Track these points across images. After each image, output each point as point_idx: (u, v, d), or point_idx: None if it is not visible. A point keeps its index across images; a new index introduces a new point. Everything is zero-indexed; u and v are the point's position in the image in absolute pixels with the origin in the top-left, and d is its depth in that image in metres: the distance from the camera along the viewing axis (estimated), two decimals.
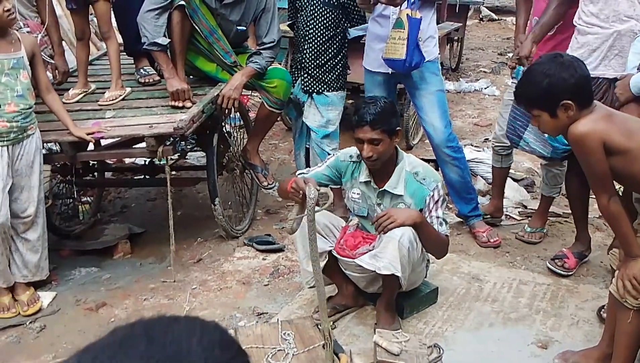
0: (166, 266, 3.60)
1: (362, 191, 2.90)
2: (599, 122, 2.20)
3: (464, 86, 7.51)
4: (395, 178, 2.80)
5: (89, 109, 3.57)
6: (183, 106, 3.47)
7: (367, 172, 2.85)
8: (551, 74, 2.22)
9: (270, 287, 3.36)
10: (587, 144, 2.19)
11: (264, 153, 5.17)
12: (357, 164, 2.90)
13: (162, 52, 3.52)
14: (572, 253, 3.42)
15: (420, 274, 2.94)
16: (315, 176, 2.92)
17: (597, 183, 2.27)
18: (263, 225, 4.13)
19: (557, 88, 2.20)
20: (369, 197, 2.88)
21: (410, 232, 2.61)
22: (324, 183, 2.98)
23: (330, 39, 3.90)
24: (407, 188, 2.79)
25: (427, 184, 2.77)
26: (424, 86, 3.68)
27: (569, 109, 2.21)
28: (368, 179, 2.85)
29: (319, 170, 2.98)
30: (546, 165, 3.70)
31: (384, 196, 2.84)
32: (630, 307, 2.28)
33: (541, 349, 2.75)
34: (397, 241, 2.58)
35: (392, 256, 2.59)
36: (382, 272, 2.64)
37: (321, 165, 3.01)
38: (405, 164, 2.83)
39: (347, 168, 2.94)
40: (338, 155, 2.98)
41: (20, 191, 3.09)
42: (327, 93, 3.95)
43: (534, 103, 2.30)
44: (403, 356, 2.39)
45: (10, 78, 2.96)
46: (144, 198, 4.68)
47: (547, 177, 3.72)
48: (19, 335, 3.00)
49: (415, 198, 2.77)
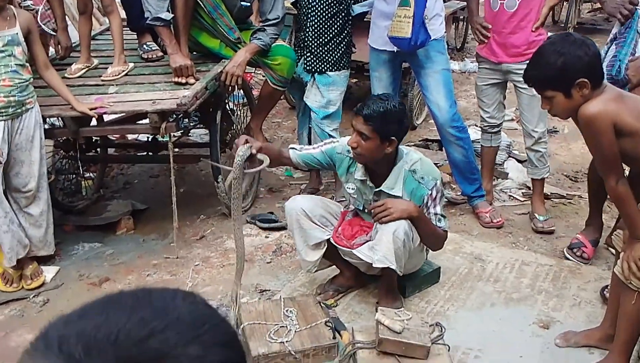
0: (169, 242, 3.60)
1: (357, 188, 2.82)
2: (609, 103, 2.18)
3: (469, 66, 7.44)
4: (392, 179, 2.71)
5: (91, 85, 3.55)
6: (186, 83, 3.45)
7: (363, 170, 2.75)
8: (565, 52, 2.18)
9: (272, 265, 3.36)
10: (598, 125, 2.16)
11: (267, 131, 5.14)
12: (353, 160, 2.78)
13: (165, 27, 3.49)
14: (588, 241, 3.37)
15: (419, 259, 2.93)
16: (306, 156, 2.87)
17: (606, 164, 2.25)
18: (266, 203, 4.13)
19: (572, 67, 2.17)
20: (364, 193, 2.82)
21: (405, 224, 2.59)
22: (314, 166, 2.94)
23: (334, 16, 3.85)
24: (406, 186, 2.70)
25: (426, 183, 2.68)
26: (429, 64, 3.65)
27: (584, 88, 2.17)
28: (364, 178, 2.76)
29: (313, 152, 2.89)
30: (532, 146, 3.67)
31: (381, 196, 2.75)
32: (635, 289, 2.28)
33: (543, 329, 2.76)
34: (391, 235, 2.57)
35: (386, 249, 2.59)
36: (377, 265, 2.65)
37: (316, 148, 2.91)
38: (405, 162, 2.71)
39: (342, 161, 2.83)
40: (335, 146, 2.85)
41: (20, 165, 3.09)
42: (330, 73, 3.91)
43: (547, 84, 2.25)
44: (405, 334, 2.39)
45: (5, 54, 2.93)
46: (147, 175, 4.68)
47: (535, 159, 3.69)
48: (22, 309, 3.02)
49: (413, 197, 2.70)
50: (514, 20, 3.50)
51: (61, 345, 0.51)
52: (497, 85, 3.74)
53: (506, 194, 4.21)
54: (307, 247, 2.86)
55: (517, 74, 3.55)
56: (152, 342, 0.52)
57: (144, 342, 0.51)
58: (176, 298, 0.58)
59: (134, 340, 0.51)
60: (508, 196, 4.18)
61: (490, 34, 3.60)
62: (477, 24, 3.67)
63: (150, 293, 0.59)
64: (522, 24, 3.50)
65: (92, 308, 0.56)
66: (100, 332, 0.52)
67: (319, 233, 2.85)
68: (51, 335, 0.53)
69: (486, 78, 3.75)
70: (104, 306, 0.56)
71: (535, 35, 3.50)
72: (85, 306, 0.57)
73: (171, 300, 0.58)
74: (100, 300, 0.58)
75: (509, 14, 3.50)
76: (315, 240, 2.84)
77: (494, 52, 3.61)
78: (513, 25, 3.51)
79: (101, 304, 0.57)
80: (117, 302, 0.57)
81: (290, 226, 2.89)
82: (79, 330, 0.52)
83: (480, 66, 3.82)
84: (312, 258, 2.88)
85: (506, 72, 3.64)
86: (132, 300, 0.57)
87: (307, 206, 2.85)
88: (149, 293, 0.59)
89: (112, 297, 0.58)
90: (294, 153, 2.89)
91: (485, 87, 3.76)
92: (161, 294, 0.59)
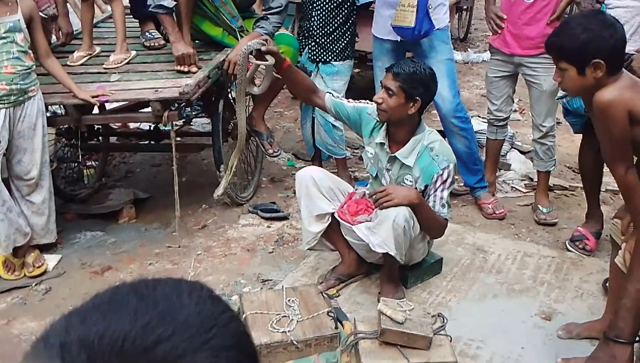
0: (171, 231, 3.60)
1: (376, 152, 2.87)
2: (625, 91, 2.14)
3: (472, 57, 7.41)
4: (409, 147, 2.75)
5: (93, 72, 3.54)
6: (189, 71, 3.43)
7: (384, 133, 2.81)
8: (592, 29, 2.13)
9: (274, 255, 3.36)
10: (612, 112, 2.13)
11: (270, 120, 5.12)
12: (379, 124, 2.85)
13: (167, 15, 3.47)
14: (590, 233, 3.36)
15: (421, 250, 2.92)
16: (339, 105, 2.94)
17: (617, 153, 2.22)
18: (268, 193, 4.12)
19: (593, 44, 2.12)
20: (380, 161, 2.86)
21: (405, 211, 2.59)
22: (342, 117, 2.98)
23: (339, 5, 3.83)
24: (419, 161, 2.73)
25: (439, 161, 2.71)
26: (433, 54, 3.63)
27: (598, 70, 2.14)
28: (383, 141, 2.81)
29: (347, 104, 2.95)
30: (539, 139, 3.66)
31: (394, 163, 2.80)
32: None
33: (545, 321, 2.76)
34: (391, 221, 2.57)
35: (386, 235, 2.59)
36: (376, 250, 2.66)
37: (351, 102, 2.96)
38: (425, 137, 2.76)
39: (369, 122, 2.89)
40: (368, 106, 2.91)
41: (23, 153, 3.08)
42: (334, 63, 3.89)
43: (565, 55, 2.20)
44: (407, 324, 2.39)
45: (6, 41, 2.91)
46: (149, 164, 4.67)
47: (541, 151, 3.68)
48: (25, 297, 3.02)
49: (424, 173, 2.72)
50: (530, 12, 3.46)
51: (64, 354, 0.49)
52: (508, 78, 3.71)
53: (509, 185, 4.20)
54: (311, 217, 2.88)
55: (528, 67, 3.54)
56: (159, 351, 0.49)
57: (150, 351, 0.49)
58: (182, 295, 0.55)
59: (140, 349, 0.49)
60: (510, 188, 4.17)
61: (504, 24, 3.56)
62: (493, 13, 3.63)
63: (155, 290, 0.56)
64: (538, 16, 3.45)
65: (93, 310, 0.53)
66: (104, 340, 0.49)
67: (325, 204, 2.87)
68: (52, 341, 0.50)
69: (497, 70, 3.72)
70: (106, 307, 0.53)
71: (551, 29, 3.45)
72: (87, 307, 0.54)
73: (177, 297, 0.55)
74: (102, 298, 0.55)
75: (526, 5, 3.46)
76: (319, 210, 2.86)
77: (507, 43, 3.57)
78: (529, 17, 3.47)
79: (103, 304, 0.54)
80: (119, 303, 0.54)
81: (299, 192, 2.91)
82: (82, 336, 0.50)
83: (492, 57, 3.78)
84: (315, 229, 2.89)
85: (518, 65, 3.61)
86: (136, 300, 0.54)
87: (318, 176, 2.90)
88: (153, 289, 0.56)
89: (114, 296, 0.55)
90: (329, 96, 2.97)
91: (496, 79, 3.73)
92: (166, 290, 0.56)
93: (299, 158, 4.66)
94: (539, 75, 3.52)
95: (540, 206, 3.69)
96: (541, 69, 3.49)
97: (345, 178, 4.02)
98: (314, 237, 2.92)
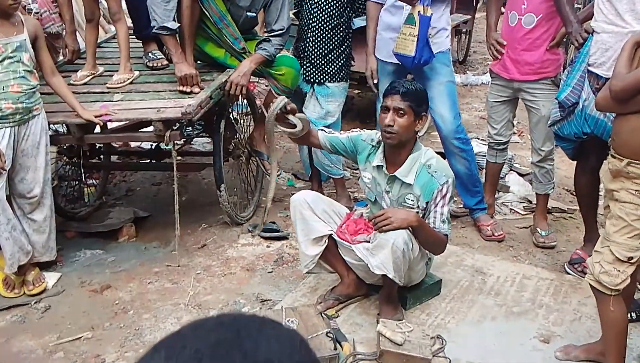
0: (170, 250, 3.61)
1: (373, 177, 2.89)
2: None
3: (471, 79, 7.49)
4: (407, 166, 2.77)
5: (97, 92, 3.57)
6: (191, 91, 3.47)
7: (381, 156, 2.83)
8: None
9: (274, 274, 3.37)
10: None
11: None
12: (374, 149, 2.88)
13: (171, 36, 3.51)
14: (589, 256, 3.37)
15: (420, 272, 2.93)
16: (333, 139, 2.97)
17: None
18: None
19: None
20: (379, 184, 2.88)
21: (404, 234, 2.60)
22: (338, 149, 3.01)
23: (334, 28, 3.88)
24: (418, 179, 2.76)
25: (438, 177, 2.73)
26: (434, 76, 3.67)
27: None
28: (381, 164, 2.83)
29: (340, 137, 2.99)
30: (538, 162, 3.69)
31: (394, 183, 2.82)
32: (608, 292, 2.31)
33: (543, 343, 2.76)
34: (390, 245, 2.58)
35: (385, 257, 2.61)
36: (375, 271, 2.67)
37: (343, 134, 3.01)
38: (421, 155, 2.79)
39: (364, 149, 2.92)
40: (361, 133, 2.97)
41: (26, 171, 3.10)
42: (329, 84, 3.94)
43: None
44: (406, 346, 2.40)
45: (13, 60, 2.95)
46: (149, 182, 4.69)
47: (540, 174, 3.71)
48: (24, 315, 3.02)
49: (424, 191, 2.75)
50: (529, 38, 3.50)
51: None
52: (508, 103, 3.76)
53: (507, 207, 4.23)
54: (308, 240, 2.88)
55: (527, 92, 3.58)
56: None
57: None
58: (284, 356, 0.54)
59: None
60: (509, 210, 4.19)
61: (504, 50, 3.61)
62: (493, 39, 3.67)
63: (258, 346, 0.54)
64: (537, 42, 3.49)
65: (193, 358, 0.52)
66: None
67: (321, 226, 2.87)
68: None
69: (497, 95, 3.76)
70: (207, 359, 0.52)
71: (550, 55, 3.51)
72: (185, 352, 0.53)
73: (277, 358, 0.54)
74: (204, 344, 0.54)
75: (525, 31, 3.50)
76: (316, 233, 2.87)
77: (507, 68, 3.62)
78: (528, 43, 3.50)
79: (205, 359, 0.53)
80: (222, 357, 0.53)
81: (294, 217, 2.93)
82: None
83: (493, 82, 3.83)
84: (312, 252, 2.89)
85: (517, 90, 3.65)
86: (241, 359, 0.53)
87: (311, 198, 2.92)
88: (256, 344, 0.54)
89: (217, 348, 0.54)
90: (322, 134, 3.00)
91: (496, 104, 3.78)
92: (270, 351, 0.54)
93: (298, 178, 4.68)
94: (537, 100, 3.56)
95: (539, 229, 3.71)
96: (540, 94, 3.54)
97: (345, 198, 4.05)
98: (311, 260, 2.92)
